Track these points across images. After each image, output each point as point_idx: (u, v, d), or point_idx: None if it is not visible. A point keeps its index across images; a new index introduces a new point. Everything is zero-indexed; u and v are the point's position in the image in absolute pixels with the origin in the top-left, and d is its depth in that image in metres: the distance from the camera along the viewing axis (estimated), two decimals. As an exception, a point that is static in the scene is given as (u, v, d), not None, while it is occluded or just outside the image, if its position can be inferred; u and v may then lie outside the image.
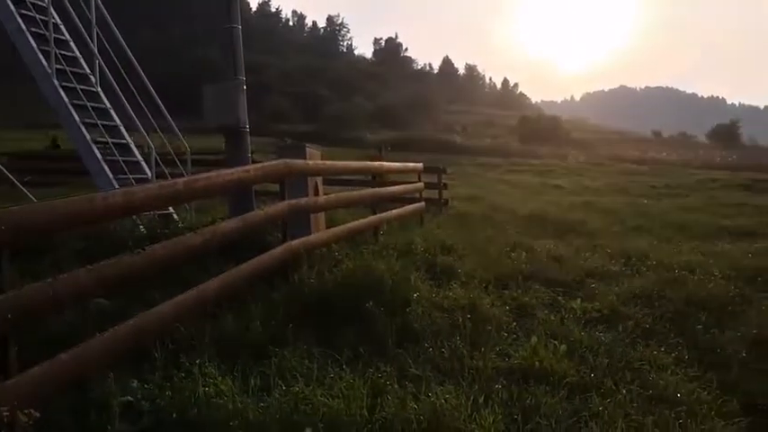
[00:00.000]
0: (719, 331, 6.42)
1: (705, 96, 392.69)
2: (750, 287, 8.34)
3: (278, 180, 6.29)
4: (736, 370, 5.44)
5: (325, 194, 8.35)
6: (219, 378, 3.95)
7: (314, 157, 8.23)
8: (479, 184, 24.57)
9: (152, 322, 4.13)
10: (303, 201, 6.61)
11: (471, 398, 4.15)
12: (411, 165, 13.01)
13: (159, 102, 9.29)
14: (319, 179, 8.60)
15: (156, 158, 9.03)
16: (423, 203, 12.62)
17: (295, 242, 6.33)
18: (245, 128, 8.29)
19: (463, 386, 4.39)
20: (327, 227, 8.28)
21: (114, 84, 8.81)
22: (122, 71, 9.08)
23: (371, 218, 9.28)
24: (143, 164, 8.86)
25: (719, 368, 5.51)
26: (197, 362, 4.08)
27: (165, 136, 10.37)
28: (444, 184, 15.87)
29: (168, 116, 9.36)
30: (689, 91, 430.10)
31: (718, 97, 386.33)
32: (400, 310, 5.69)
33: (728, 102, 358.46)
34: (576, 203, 18.70)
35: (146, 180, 8.69)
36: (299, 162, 6.64)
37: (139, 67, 9.16)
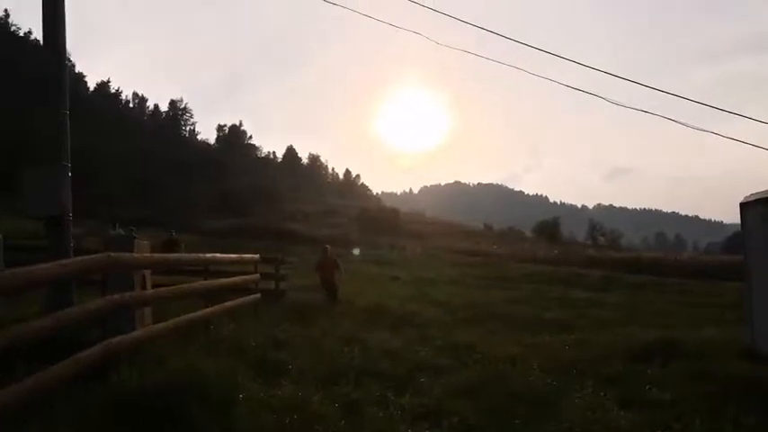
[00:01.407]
0: (537, 425, 6.77)
1: (531, 194, 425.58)
2: (565, 378, 8.92)
3: (100, 274, 5.97)
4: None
5: (155, 286, 8.02)
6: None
7: (143, 249, 7.92)
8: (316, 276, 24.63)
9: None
10: (127, 295, 6.30)
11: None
12: (247, 256, 12.85)
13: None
14: (147, 272, 8.27)
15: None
16: (258, 295, 12.44)
17: (115, 339, 5.98)
18: (69, 217, 7.88)
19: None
20: (157, 321, 7.91)
21: None
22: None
23: (204, 311, 8.98)
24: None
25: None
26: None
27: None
28: (282, 275, 15.77)
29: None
30: (517, 189, 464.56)
31: (542, 195, 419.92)
32: (225, 412, 5.50)
33: (551, 200, 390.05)
34: (413, 296, 19.27)
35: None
36: (125, 255, 6.35)
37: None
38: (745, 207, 9.76)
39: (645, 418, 7.11)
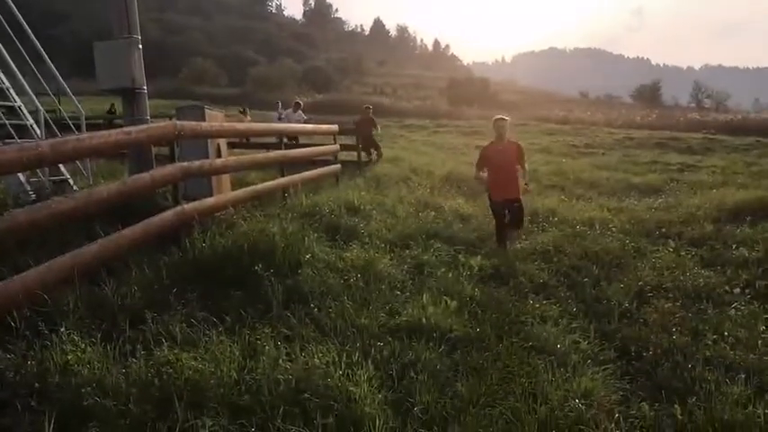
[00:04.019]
0: (608, 284, 6.66)
1: (631, 57, 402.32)
2: (646, 240, 8.67)
3: (166, 142, 6.10)
4: (616, 320, 5.65)
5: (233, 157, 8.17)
6: (84, 345, 3.84)
7: (215, 119, 8.02)
8: (403, 146, 24.55)
9: (15, 289, 3.96)
10: (196, 163, 6.43)
11: (351, 356, 4.18)
12: (324, 127, 12.85)
13: (50, 63, 8.82)
14: (223, 141, 8.41)
15: (48, 122, 8.62)
16: (338, 165, 12.54)
17: (188, 206, 6.18)
18: (143, 89, 8.00)
19: (344, 345, 4.42)
20: (235, 190, 8.13)
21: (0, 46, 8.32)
22: (11, 33, 8.55)
23: (279, 180, 9.15)
24: (34, 128, 8.45)
25: (602, 318, 5.72)
26: (62, 330, 3.95)
27: (63, 99, 9.93)
28: (377, 145, 15.83)
29: (59, 77, 8.91)
30: (616, 52, 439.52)
31: (643, 58, 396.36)
32: (291, 273, 5.66)
33: (653, 62, 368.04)
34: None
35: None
36: (191, 123, 6.43)
37: (29, 29, 8.65)
38: None
39: (726, 276, 6.87)
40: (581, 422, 3.74)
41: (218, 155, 7.94)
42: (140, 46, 7.88)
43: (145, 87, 8.05)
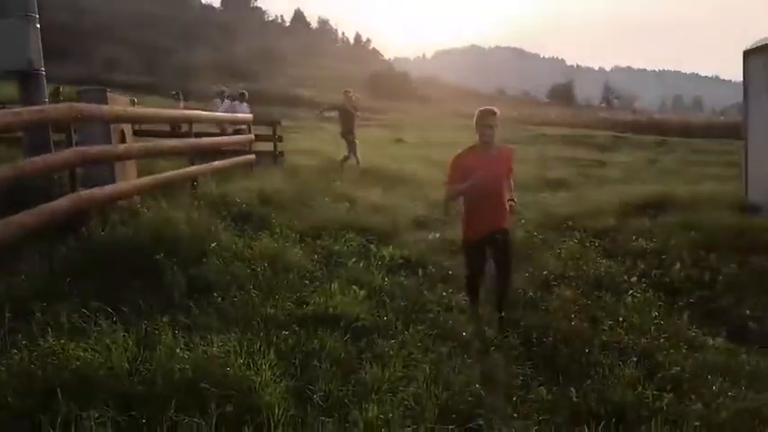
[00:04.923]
0: (516, 274, 6.80)
1: (547, 57, 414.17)
2: (554, 232, 8.91)
3: (63, 126, 5.81)
4: (521, 308, 5.77)
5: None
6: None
7: (119, 104, 7.71)
8: (323, 138, 24.43)
9: None
10: (96, 149, 6.16)
11: (253, 345, 4.10)
12: (239, 116, 12.60)
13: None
14: (128, 127, 8.10)
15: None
16: (252, 156, 12.32)
17: (86, 192, 5.91)
18: (40, 71, 7.59)
19: (247, 334, 4.33)
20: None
21: None
22: None
23: (188, 169, 8.90)
24: None
25: (509, 307, 5.83)
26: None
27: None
28: (279, 137, 15.55)
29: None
30: (533, 52, 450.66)
31: (558, 58, 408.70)
32: (195, 262, 5.51)
33: (568, 63, 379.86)
34: (414, 156, 19.08)
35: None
36: (90, 106, 6.15)
37: None
38: (747, 55, 9.28)
39: (625, 266, 7.14)
40: (481, 406, 3.80)
41: (123, 141, 7.64)
42: (38, 25, 7.48)
43: (43, 69, 7.64)
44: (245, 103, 17.31)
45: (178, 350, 3.78)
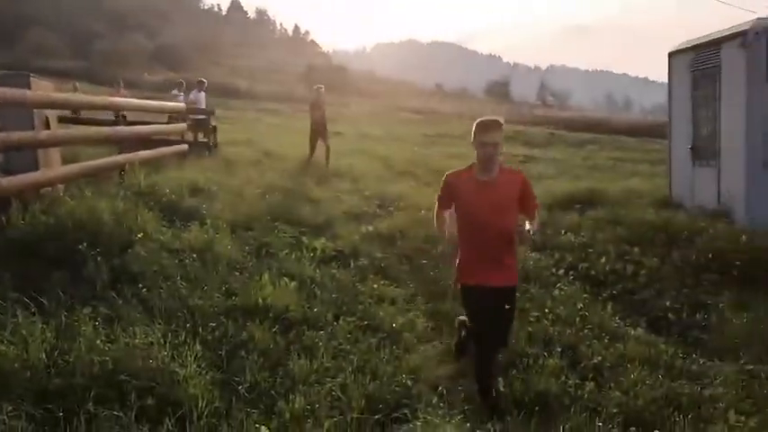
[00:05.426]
0: (446, 266, 6.87)
1: (485, 54, 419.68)
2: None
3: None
4: (451, 300, 5.84)
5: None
6: None
7: (43, 90, 7.42)
8: (259, 130, 24.16)
9: None
10: (17, 135, 5.90)
11: (178, 337, 4.03)
12: (170, 104, 12.31)
13: None
14: (52, 113, 7.81)
15: None
16: (185, 146, 12.06)
17: (5, 180, 5.66)
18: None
19: (172, 326, 4.25)
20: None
21: None
22: None
23: (116, 157, 8.64)
24: None
25: (438, 299, 5.90)
26: None
27: None
28: (213, 127, 15.30)
29: None
30: (471, 48, 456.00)
31: (496, 55, 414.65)
32: (120, 252, 5.37)
33: (504, 60, 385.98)
34: (351, 150, 19.06)
35: None
36: (12, 91, 5.87)
37: None
38: (672, 56, 9.64)
39: (554, 259, 7.32)
40: (407, 396, 3.83)
41: (47, 127, 7.36)
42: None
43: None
44: (203, 93, 16.87)
45: (99, 342, 3.68)
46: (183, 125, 12.23)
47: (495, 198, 4.00)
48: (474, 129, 4.04)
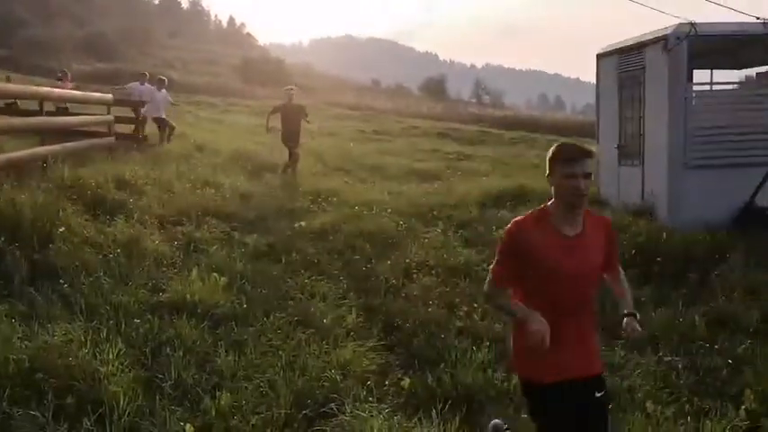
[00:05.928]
0: (378, 261, 6.90)
1: (421, 51, 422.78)
2: (419, 222, 9.11)
3: None
4: (383, 295, 5.87)
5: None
6: None
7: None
8: (191, 123, 23.61)
9: None
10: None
11: (100, 334, 3.92)
12: (96, 95, 11.92)
13: None
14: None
15: None
16: (112, 138, 11.70)
17: None
18: None
19: (94, 323, 4.13)
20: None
21: None
22: None
23: (37, 149, 8.32)
24: None
25: (370, 294, 5.92)
26: None
27: None
28: (143, 120, 14.87)
29: None
30: (407, 45, 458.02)
31: (432, 53, 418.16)
32: (40, 247, 5.18)
33: (441, 58, 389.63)
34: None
35: None
36: None
37: None
38: (600, 58, 9.91)
39: (484, 255, 7.42)
40: (336, 391, 3.83)
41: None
42: None
43: None
44: (164, 90, 16.30)
45: (15, 340, 3.55)
46: (110, 117, 11.84)
47: (586, 257, 2.74)
48: (554, 154, 2.73)
